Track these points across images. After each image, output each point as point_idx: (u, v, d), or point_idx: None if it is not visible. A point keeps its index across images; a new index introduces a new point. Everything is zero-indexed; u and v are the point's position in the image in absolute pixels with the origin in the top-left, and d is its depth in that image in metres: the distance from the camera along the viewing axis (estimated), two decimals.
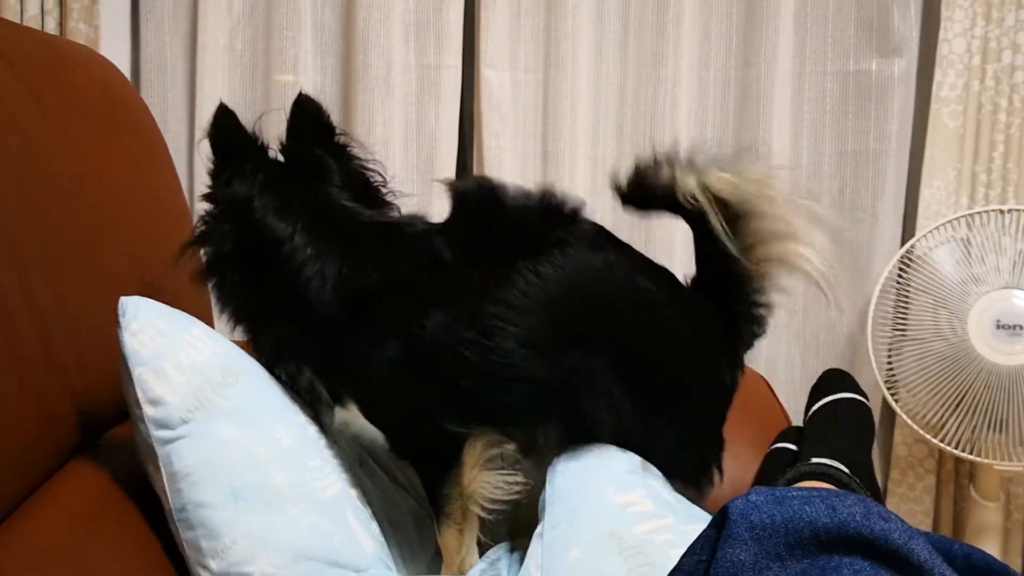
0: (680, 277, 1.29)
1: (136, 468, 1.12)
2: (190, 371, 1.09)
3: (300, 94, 1.35)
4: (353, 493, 1.17)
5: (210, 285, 1.23)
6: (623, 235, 1.29)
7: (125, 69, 2.25)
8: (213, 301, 1.25)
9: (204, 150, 1.23)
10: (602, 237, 1.24)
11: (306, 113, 1.33)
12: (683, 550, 1.06)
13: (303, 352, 1.18)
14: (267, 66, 2.27)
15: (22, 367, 0.98)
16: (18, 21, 2.03)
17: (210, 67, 2.25)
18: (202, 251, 1.24)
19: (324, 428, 1.21)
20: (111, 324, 1.12)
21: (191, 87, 2.28)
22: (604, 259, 1.21)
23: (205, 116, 2.21)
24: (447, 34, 2.25)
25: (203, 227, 1.24)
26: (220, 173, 1.26)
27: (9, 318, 0.97)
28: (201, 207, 1.26)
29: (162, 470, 1.05)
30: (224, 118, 1.28)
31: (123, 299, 1.10)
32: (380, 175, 1.34)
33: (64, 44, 1.48)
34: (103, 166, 1.28)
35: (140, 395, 1.06)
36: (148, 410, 1.06)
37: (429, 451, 1.19)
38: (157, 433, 1.06)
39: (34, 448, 1.03)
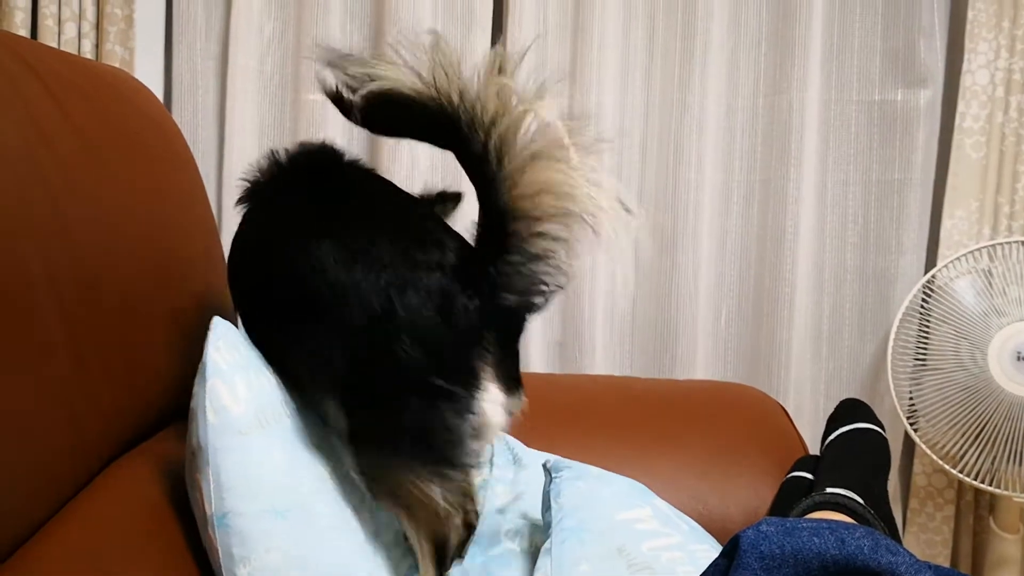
0: None
1: (165, 482, 1.16)
2: (257, 391, 1.13)
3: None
4: (383, 539, 1.19)
5: None
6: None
7: (157, 90, 2.29)
8: None
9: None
10: None
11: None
12: (689, 567, 1.08)
13: None
14: (296, 88, 2.31)
15: (55, 384, 1.01)
16: (56, 43, 2.08)
17: (240, 89, 2.28)
18: None
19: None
20: (140, 344, 1.14)
21: (221, 108, 2.32)
22: None
23: (235, 137, 2.27)
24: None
25: None
26: None
27: (45, 334, 0.99)
28: None
29: (210, 478, 1.08)
30: None
31: (216, 318, 1.15)
32: None
33: (99, 68, 1.51)
34: (135, 188, 1.30)
35: (208, 403, 1.09)
36: (211, 417, 1.09)
37: None
38: (215, 441, 1.08)
39: (65, 463, 1.05)
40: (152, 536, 1.11)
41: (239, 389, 1.11)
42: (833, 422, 1.55)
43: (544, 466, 1.26)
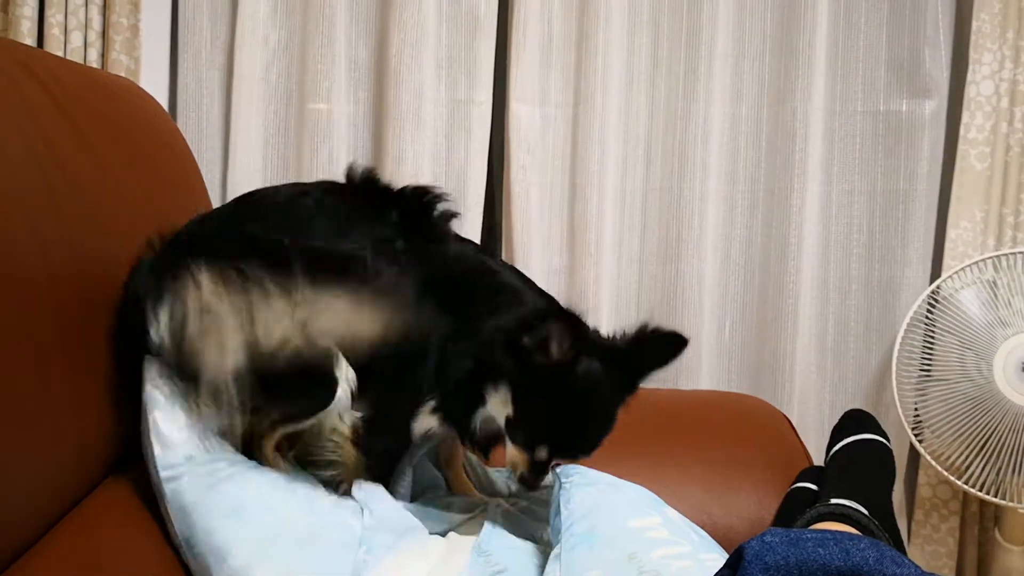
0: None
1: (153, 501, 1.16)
2: (197, 418, 1.15)
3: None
4: (354, 523, 1.19)
5: None
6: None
7: (163, 99, 2.29)
8: None
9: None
10: None
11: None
12: None
13: None
14: (301, 98, 2.30)
15: (58, 394, 1.01)
16: (62, 52, 2.08)
17: (245, 98, 2.28)
18: None
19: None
20: None
21: (226, 117, 2.31)
22: None
23: (239, 146, 2.27)
24: (478, 69, 2.28)
25: None
26: None
27: (43, 351, 0.99)
28: None
29: (169, 506, 1.10)
30: None
31: (148, 356, 1.17)
32: None
33: (104, 77, 1.51)
34: (139, 196, 1.31)
35: (154, 437, 1.12)
36: (158, 450, 1.11)
37: None
38: (164, 472, 1.11)
39: (68, 471, 1.05)
40: (152, 545, 1.11)
41: (181, 419, 1.14)
42: (838, 433, 1.54)
43: (553, 471, 1.26)
